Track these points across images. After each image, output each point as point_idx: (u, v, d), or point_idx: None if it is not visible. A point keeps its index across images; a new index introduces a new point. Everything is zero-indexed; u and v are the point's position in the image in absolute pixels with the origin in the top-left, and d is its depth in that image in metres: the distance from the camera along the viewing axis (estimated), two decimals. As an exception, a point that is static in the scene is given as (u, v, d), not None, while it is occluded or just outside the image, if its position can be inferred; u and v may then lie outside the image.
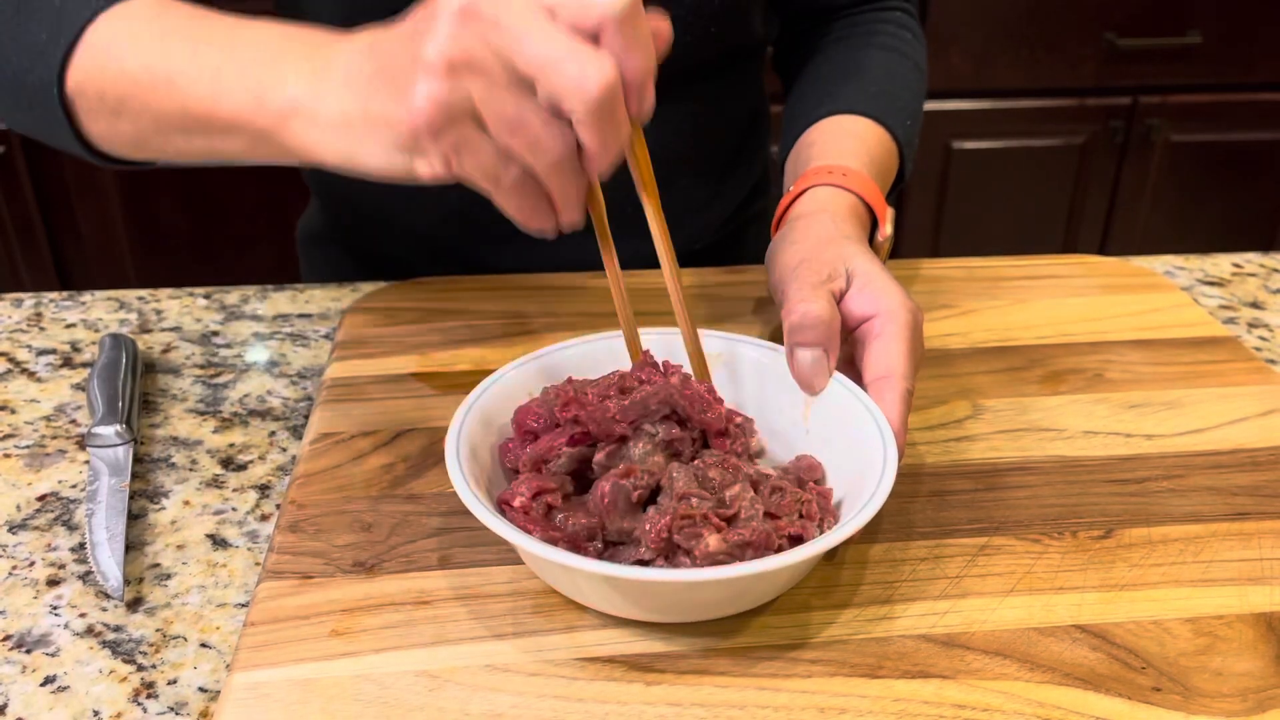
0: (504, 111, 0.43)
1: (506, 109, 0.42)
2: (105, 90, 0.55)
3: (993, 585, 0.49)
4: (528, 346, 0.56)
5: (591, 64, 0.41)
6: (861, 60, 0.77)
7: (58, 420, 0.63)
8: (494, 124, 0.43)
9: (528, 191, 0.46)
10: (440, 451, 0.48)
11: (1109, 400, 0.63)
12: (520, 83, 0.42)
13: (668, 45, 0.46)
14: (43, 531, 0.54)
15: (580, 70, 0.41)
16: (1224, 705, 0.43)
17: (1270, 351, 0.71)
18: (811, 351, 0.52)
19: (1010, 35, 1.77)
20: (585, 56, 0.41)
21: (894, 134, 0.71)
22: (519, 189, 0.45)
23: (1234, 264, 0.83)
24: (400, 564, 0.49)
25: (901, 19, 0.82)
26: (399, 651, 0.45)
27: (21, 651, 0.47)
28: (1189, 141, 1.88)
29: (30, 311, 0.75)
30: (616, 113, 0.42)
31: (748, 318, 0.70)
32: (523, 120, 0.43)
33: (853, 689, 0.43)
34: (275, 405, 0.65)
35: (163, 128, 0.55)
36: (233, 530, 0.54)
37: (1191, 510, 0.54)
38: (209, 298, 0.77)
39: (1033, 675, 0.44)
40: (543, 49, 0.41)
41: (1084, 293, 0.75)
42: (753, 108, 0.87)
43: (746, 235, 0.92)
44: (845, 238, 0.58)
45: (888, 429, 0.49)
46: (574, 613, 0.47)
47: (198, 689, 0.45)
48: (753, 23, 0.79)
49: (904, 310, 0.53)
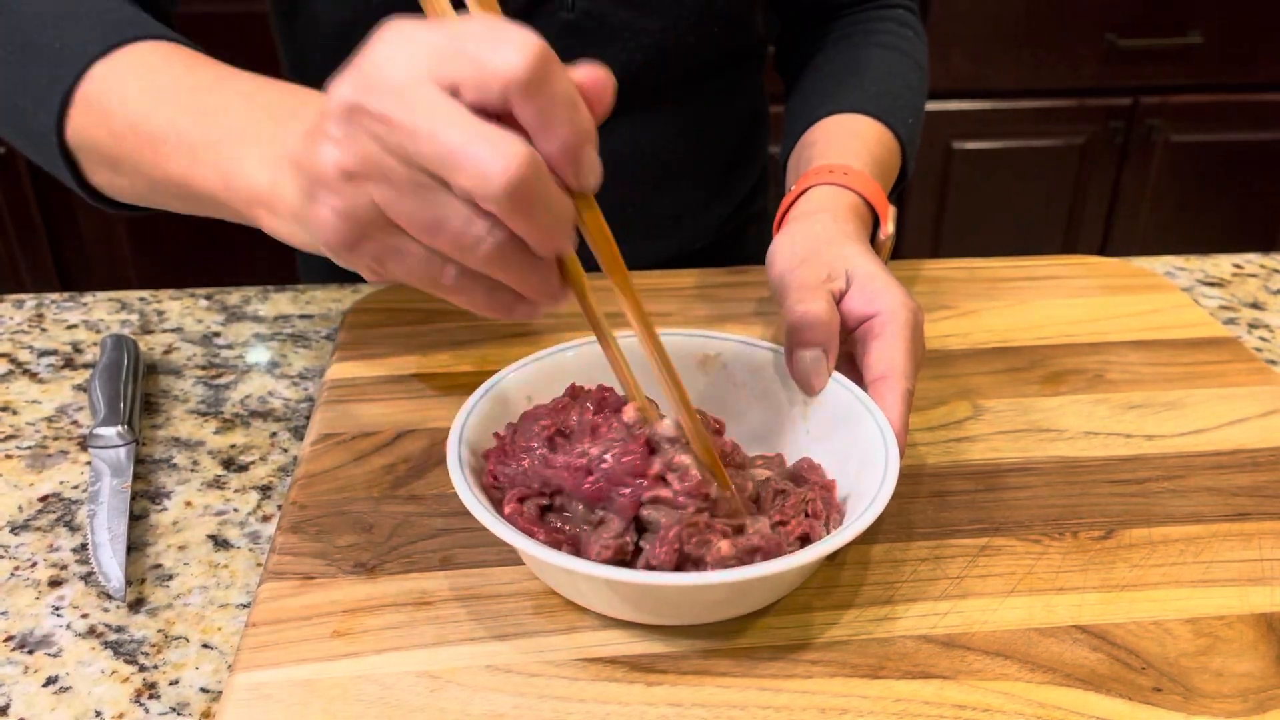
0: (416, 215, 0.38)
1: (418, 212, 0.38)
2: (99, 144, 0.54)
3: (993, 586, 0.49)
4: (529, 347, 0.56)
5: (494, 152, 0.35)
6: (863, 59, 0.77)
7: (59, 421, 0.63)
8: (410, 228, 0.39)
9: (477, 287, 0.41)
10: (442, 452, 0.48)
11: (1109, 401, 0.63)
12: (428, 178, 0.37)
13: (608, 97, 0.40)
14: (44, 532, 0.54)
15: (482, 161, 0.35)
16: (1224, 706, 0.43)
17: (1270, 352, 0.72)
18: (811, 351, 0.52)
19: (1010, 36, 1.77)
20: (486, 144, 0.35)
21: (896, 132, 0.71)
22: (466, 287, 0.41)
23: (1234, 264, 0.84)
24: (402, 565, 0.49)
25: (903, 16, 0.82)
26: (400, 652, 0.45)
27: (24, 652, 0.47)
28: (1189, 142, 1.88)
29: (32, 312, 0.75)
30: (539, 196, 0.37)
31: (749, 318, 0.71)
32: (440, 220, 0.38)
33: (854, 689, 0.43)
34: (277, 406, 0.65)
35: (156, 189, 0.53)
36: (234, 531, 0.55)
37: (1192, 511, 0.54)
38: (210, 299, 0.77)
39: (1033, 676, 0.44)
40: (437, 144, 0.36)
41: (1084, 293, 0.75)
42: (753, 108, 0.87)
43: (747, 235, 0.92)
44: (845, 237, 0.58)
45: (888, 429, 0.49)
46: (575, 613, 0.47)
47: (199, 689, 0.45)
48: (754, 23, 0.80)
49: (904, 310, 0.53)
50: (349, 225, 0.39)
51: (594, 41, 0.72)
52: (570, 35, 0.72)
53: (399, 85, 0.37)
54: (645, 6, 0.72)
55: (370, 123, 0.37)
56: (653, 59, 0.74)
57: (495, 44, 0.36)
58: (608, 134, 0.81)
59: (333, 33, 0.74)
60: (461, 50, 0.36)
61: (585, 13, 0.71)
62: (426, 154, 0.36)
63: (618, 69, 0.74)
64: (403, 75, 0.37)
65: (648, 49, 0.73)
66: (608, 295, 0.44)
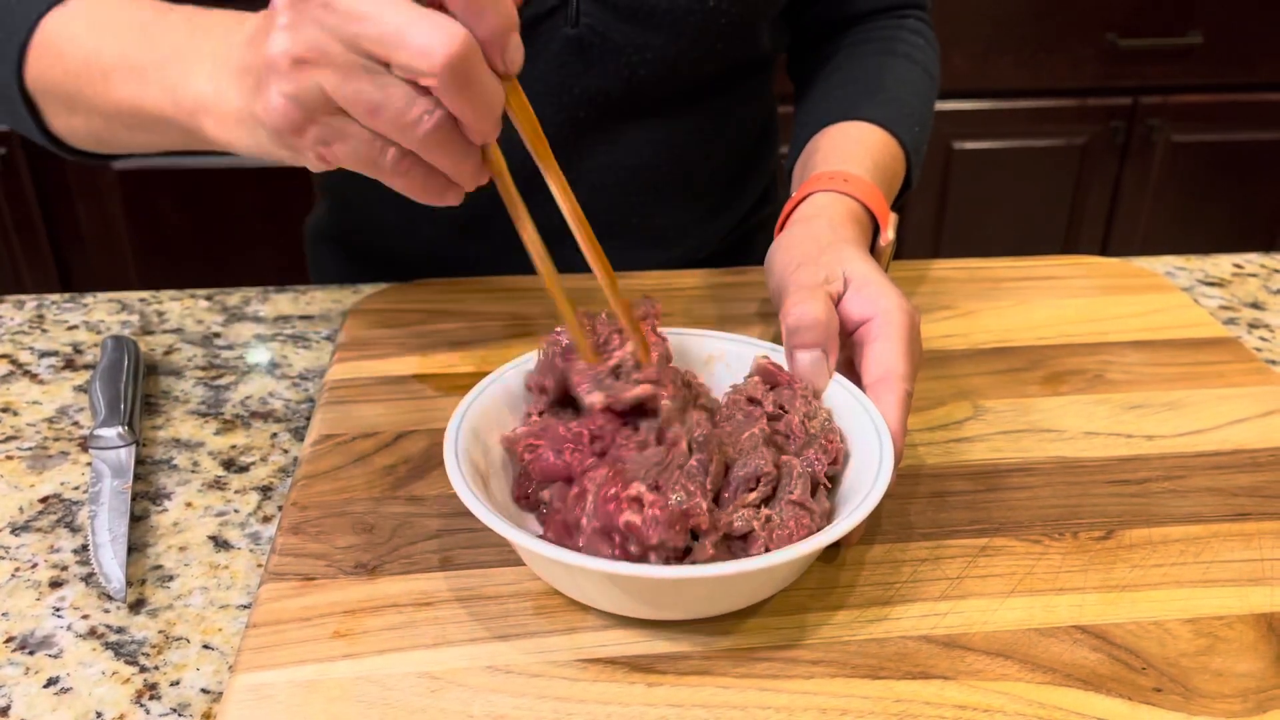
0: (360, 97, 0.41)
1: (362, 94, 0.41)
2: (56, 86, 0.57)
3: (993, 586, 0.49)
4: (529, 348, 0.56)
5: (435, 31, 0.39)
6: (872, 67, 0.77)
7: (60, 422, 0.63)
8: (354, 111, 0.42)
9: (414, 170, 0.45)
10: (442, 453, 0.48)
11: (1109, 401, 0.63)
12: (372, 62, 0.41)
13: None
14: (45, 533, 0.54)
15: (424, 39, 0.39)
16: (1224, 706, 0.43)
17: (1270, 352, 0.72)
18: (810, 353, 0.52)
19: (1011, 35, 1.77)
20: (426, 24, 0.39)
21: (901, 140, 0.71)
22: (402, 169, 0.44)
23: (1234, 265, 0.84)
24: (402, 565, 0.49)
25: (915, 25, 0.82)
26: (401, 653, 0.45)
27: (24, 653, 0.47)
28: (1190, 142, 1.88)
29: (32, 313, 0.75)
30: (476, 76, 0.41)
31: (751, 319, 0.71)
32: (382, 101, 0.41)
33: (853, 690, 0.43)
34: (277, 407, 0.65)
35: (109, 122, 0.56)
36: (235, 532, 0.55)
37: (1192, 511, 0.54)
38: (210, 299, 0.77)
39: (1033, 676, 0.44)
40: (381, 25, 0.40)
41: (1084, 293, 0.75)
42: (761, 119, 0.87)
43: (754, 242, 0.92)
44: (843, 241, 0.58)
45: (885, 430, 0.49)
46: (576, 614, 0.47)
47: (200, 690, 0.45)
48: (760, 38, 0.79)
49: (901, 312, 0.53)
50: (297, 109, 0.42)
51: (597, 57, 0.72)
52: (573, 51, 0.72)
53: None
54: (648, 22, 0.71)
55: (316, 10, 0.40)
56: (657, 74, 0.74)
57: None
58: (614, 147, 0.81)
59: None
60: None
61: (589, 28, 0.71)
62: (371, 35, 0.40)
63: (621, 84, 0.75)
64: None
65: (651, 64, 0.73)
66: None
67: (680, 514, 0.44)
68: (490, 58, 0.42)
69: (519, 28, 0.42)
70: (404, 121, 0.42)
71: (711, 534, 0.45)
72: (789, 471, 0.48)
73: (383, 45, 0.40)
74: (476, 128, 0.43)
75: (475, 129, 0.43)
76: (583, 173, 0.77)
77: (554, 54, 0.72)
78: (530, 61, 0.73)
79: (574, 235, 0.48)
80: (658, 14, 0.71)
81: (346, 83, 0.41)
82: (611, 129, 0.76)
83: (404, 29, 0.39)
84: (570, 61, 0.72)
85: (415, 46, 0.39)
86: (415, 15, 0.39)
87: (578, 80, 0.73)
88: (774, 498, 0.48)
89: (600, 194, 0.78)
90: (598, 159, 0.77)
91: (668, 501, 0.44)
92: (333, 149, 0.44)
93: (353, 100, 0.42)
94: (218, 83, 0.48)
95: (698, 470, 0.47)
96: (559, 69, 0.72)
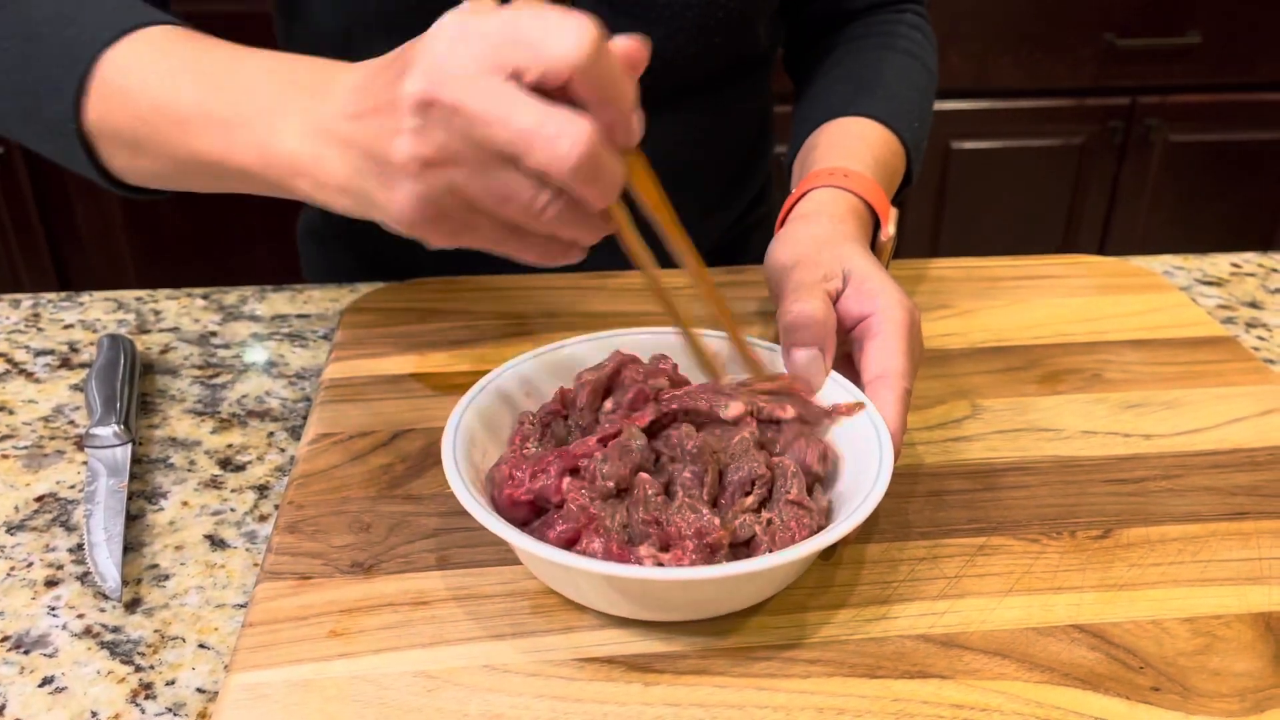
0: (489, 190, 0.42)
1: (491, 187, 0.42)
2: (121, 129, 0.55)
3: (991, 585, 0.49)
4: (526, 347, 0.56)
5: (566, 130, 0.39)
6: (870, 63, 0.77)
7: (56, 421, 0.63)
8: (483, 202, 0.43)
9: (540, 244, 0.45)
10: (439, 452, 0.48)
11: (1107, 400, 0.63)
12: (500, 159, 0.41)
13: (644, 61, 0.44)
14: (41, 532, 0.54)
15: (555, 140, 0.39)
16: (1222, 705, 0.43)
17: (1268, 351, 0.71)
18: (807, 351, 0.52)
19: (1009, 35, 1.77)
20: (557, 124, 0.39)
21: (900, 136, 0.71)
22: (530, 245, 0.45)
23: (1232, 264, 0.83)
24: (398, 564, 0.49)
25: (913, 20, 0.82)
26: (397, 652, 0.45)
27: (19, 652, 0.47)
28: (1188, 141, 1.88)
29: (28, 312, 0.75)
30: (603, 165, 0.41)
31: (749, 317, 0.70)
32: (511, 193, 0.42)
33: (851, 689, 0.43)
34: (273, 406, 0.65)
35: (183, 169, 0.54)
36: (231, 531, 0.54)
37: (1190, 510, 0.54)
38: (207, 298, 0.77)
39: (1031, 675, 0.44)
40: (511, 127, 0.40)
41: (1082, 293, 0.75)
42: (758, 116, 0.87)
43: (751, 239, 0.92)
44: (843, 238, 0.58)
45: (884, 428, 0.49)
46: (572, 613, 0.47)
47: (196, 690, 0.45)
48: (757, 34, 0.79)
49: (901, 309, 0.53)
50: (430, 207, 0.43)
51: None
52: None
53: (466, 75, 0.40)
54: (646, 17, 0.71)
55: (444, 114, 0.40)
56: (654, 69, 0.74)
57: (552, 31, 0.40)
58: None
59: (329, 39, 0.74)
60: (520, 39, 0.40)
61: None
62: (501, 139, 0.40)
63: None
64: (468, 65, 0.40)
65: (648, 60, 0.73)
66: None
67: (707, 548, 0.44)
68: (615, 136, 0.42)
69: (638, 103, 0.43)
70: (533, 209, 0.42)
71: (721, 549, 0.45)
72: (783, 472, 0.48)
73: (513, 147, 0.40)
74: (599, 205, 0.43)
75: (599, 206, 0.43)
76: None
77: None
78: None
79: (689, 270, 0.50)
80: (655, 9, 0.71)
81: (475, 180, 0.42)
82: None
83: (534, 131, 0.39)
84: None
85: (546, 150, 0.40)
86: (543, 116, 0.39)
87: None
88: (770, 499, 0.48)
89: None
90: None
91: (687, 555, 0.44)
92: (462, 236, 0.45)
93: (483, 195, 0.42)
94: (315, 146, 0.47)
95: (693, 482, 0.47)
96: None
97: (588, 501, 0.46)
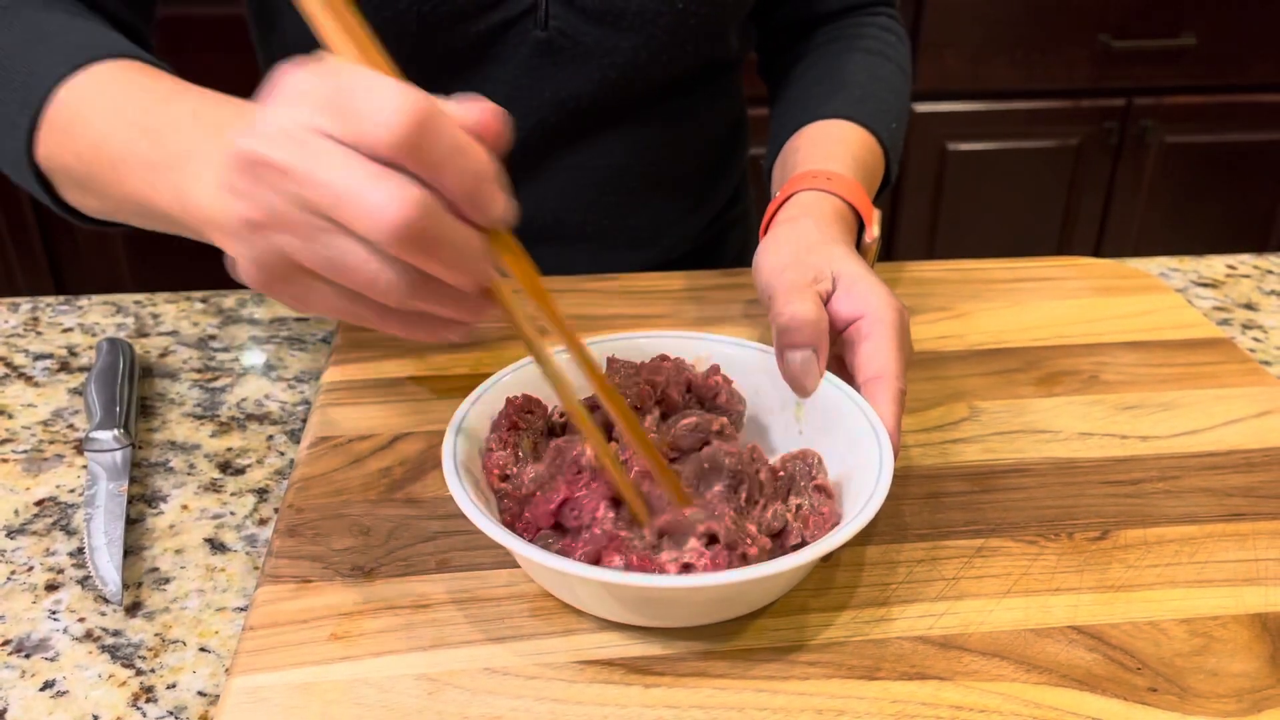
0: (319, 259, 0.39)
1: (324, 255, 0.38)
2: (68, 167, 0.55)
3: (989, 587, 0.49)
4: (525, 351, 0.56)
5: (382, 193, 0.36)
6: (845, 65, 0.77)
7: (55, 425, 0.63)
8: (321, 272, 0.39)
9: (399, 316, 0.42)
10: (438, 455, 0.48)
11: (1104, 402, 0.63)
12: (329, 223, 0.38)
13: (501, 130, 0.40)
14: (41, 536, 0.54)
15: (372, 203, 0.36)
16: (1220, 706, 0.43)
17: (1264, 353, 0.72)
18: (801, 353, 0.53)
19: (1005, 37, 1.77)
20: (374, 186, 0.36)
21: (879, 137, 0.72)
22: (387, 317, 0.42)
23: (1228, 265, 0.84)
24: (398, 568, 0.49)
25: (885, 22, 0.82)
26: (398, 655, 0.45)
27: (20, 656, 0.47)
28: (1183, 143, 1.89)
29: (27, 316, 0.75)
30: (440, 235, 0.37)
31: (739, 320, 0.71)
32: (343, 263, 0.38)
33: (850, 690, 0.43)
34: (273, 409, 0.65)
35: (121, 208, 0.54)
36: (231, 534, 0.55)
37: (1187, 511, 0.54)
38: (206, 302, 0.77)
39: (1029, 676, 0.44)
40: (331, 188, 0.37)
41: (1079, 294, 0.75)
42: (731, 117, 0.88)
43: (727, 240, 0.92)
44: (830, 241, 0.59)
45: (882, 429, 0.49)
46: (572, 616, 0.47)
47: (197, 693, 0.45)
48: (728, 40, 0.80)
49: (891, 310, 0.53)
50: (262, 272, 0.40)
51: (568, 59, 0.72)
52: (543, 54, 0.72)
53: (292, 135, 0.37)
54: (618, 24, 0.72)
55: (267, 173, 0.38)
56: (627, 76, 0.74)
57: (372, 104, 0.36)
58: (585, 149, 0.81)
59: (303, 52, 0.75)
60: (344, 107, 0.37)
61: (558, 31, 0.71)
62: (321, 201, 0.37)
63: (592, 86, 0.75)
64: (294, 125, 0.37)
65: (622, 66, 0.73)
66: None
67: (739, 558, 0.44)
68: (464, 211, 0.38)
69: (497, 176, 0.39)
70: (375, 281, 0.39)
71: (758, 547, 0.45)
72: (811, 459, 0.49)
73: (334, 210, 0.37)
74: (456, 283, 0.39)
75: (455, 284, 0.40)
76: (554, 176, 0.77)
77: (524, 58, 0.72)
78: (500, 65, 0.74)
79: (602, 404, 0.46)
80: (627, 16, 0.71)
81: (305, 246, 0.38)
82: (583, 132, 0.76)
83: (353, 194, 0.36)
84: (540, 65, 0.73)
85: (362, 213, 0.36)
86: (367, 177, 0.36)
87: (548, 83, 0.73)
88: (793, 488, 0.49)
89: (573, 197, 0.78)
90: (569, 162, 0.77)
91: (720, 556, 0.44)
92: (308, 304, 0.42)
93: (314, 262, 0.39)
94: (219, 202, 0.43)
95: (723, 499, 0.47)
96: (529, 72, 0.73)
97: (614, 527, 0.46)
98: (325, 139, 0.37)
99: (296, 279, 0.40)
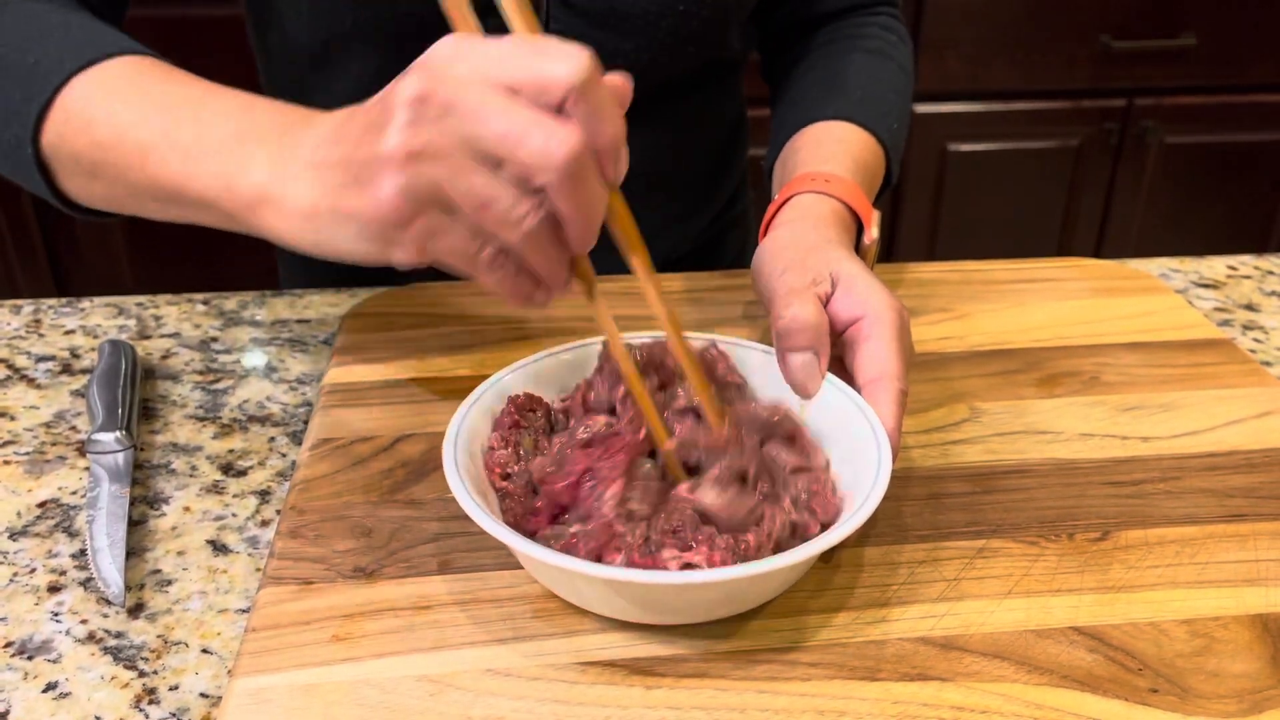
0: (471, 190, 0.42)
1: (474, 188, 0.42)
2: (79, 154, 0.56)
3: (990, 588, 0.49)
4: (526, 351, 0.56)
5: (556, 133, 0.40)
6: (846, 65, 0.77)
7: (57, 427, 0.63)
8: (463, 204, 0.43)
9: (507, 268, 0.45)
10: (439, 456, 0.49)
11: (1105, 403, 0.63)
12: (485, 161, 0.42)
13: (629, 99, 0.45)
14: (43, 538, 0.54)
15: (545, 140, 0.40)
16: (1220, 706, 0.43)
17: (1265, 354, 0.72)
18: (802, 355, 0.53)
19: (1005, 37, 1.77)
20: (549, 127, 0.40)
21: (879, 138, 0.72)
22: (497, 266, 0.45)
23: (1229, 266, 0.84)
24: (400, 569, 0.49)
25: (886, 21, 0.82)
26: (400, 656, 0.45)
27: (23, 658, 0.47)
28: (1184, 143, 1.89)
29: (29, 318, 0.75)
30: (589, 180, 0.42)
31: (739, 321, 0.71)
32: (492, 196, 0.42)
33: (851, 691, 0.43)
34: (275, 411, 0.65)
35: (137, 194, 0.55)
36: (233, 536, 0.55)
37: (1187, 512, 0.54)
38: (207, 304, 0.77)
39: (1030, 677, 0.44)
40: (503, 125, 0.41)
41: (1079, 295, 0.75)
42: (731, 119, 0.88)
43: (726, 241, 0.92)
44: (829, 242, 0.59)
45: (881, 430, 0.49)
46: (574, 617, 0.47)
47: (199, 695, 0.46)
48: (730, 41, 0.80)
49: (891, 311, 0.53)
50: (408, 204, 0.43)
51: None
52: None
53: (465, 80, 0.41)
54: (619, 28, 0.72)
55: (437, 109, 0.42)
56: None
57: (550, 56, 0.41)
58: None
59: (303, 52, 0.75)
60: (519, 61, 0.41)
61: (560, 34, 0.72)
62: (491, 135, 0.41)
63: None
64: (468, 73, 0.41)
65: (623, 68, 0.73)
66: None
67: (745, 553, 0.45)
68: (603, 165, 0.43)
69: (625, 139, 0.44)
70: (511, 217, 0.42)
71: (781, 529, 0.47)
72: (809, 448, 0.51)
73: (503, 145, 0.41)
74: (577, 232, 0.44)
75: (576, 233, 0.44)
76: None
77: None
78: None
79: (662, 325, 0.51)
80: (629, 19, 0.71)
81: (461, 177, 0.42)
82: None
83: (526, 130, 0.40)
84: None
85: (535, 147, 0.40)
86: (536, 118, 0.41)
87: None
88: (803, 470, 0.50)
89: None
90: None
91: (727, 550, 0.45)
92: (434, 242, 0.45)
93: (465, 194, 0.42)
94: (284, 177, 0.48)
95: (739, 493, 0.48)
96: None
97: (613, 517, 0.46)
98: (494, 87, 0.41)
99: (434, 213, 0.44)
